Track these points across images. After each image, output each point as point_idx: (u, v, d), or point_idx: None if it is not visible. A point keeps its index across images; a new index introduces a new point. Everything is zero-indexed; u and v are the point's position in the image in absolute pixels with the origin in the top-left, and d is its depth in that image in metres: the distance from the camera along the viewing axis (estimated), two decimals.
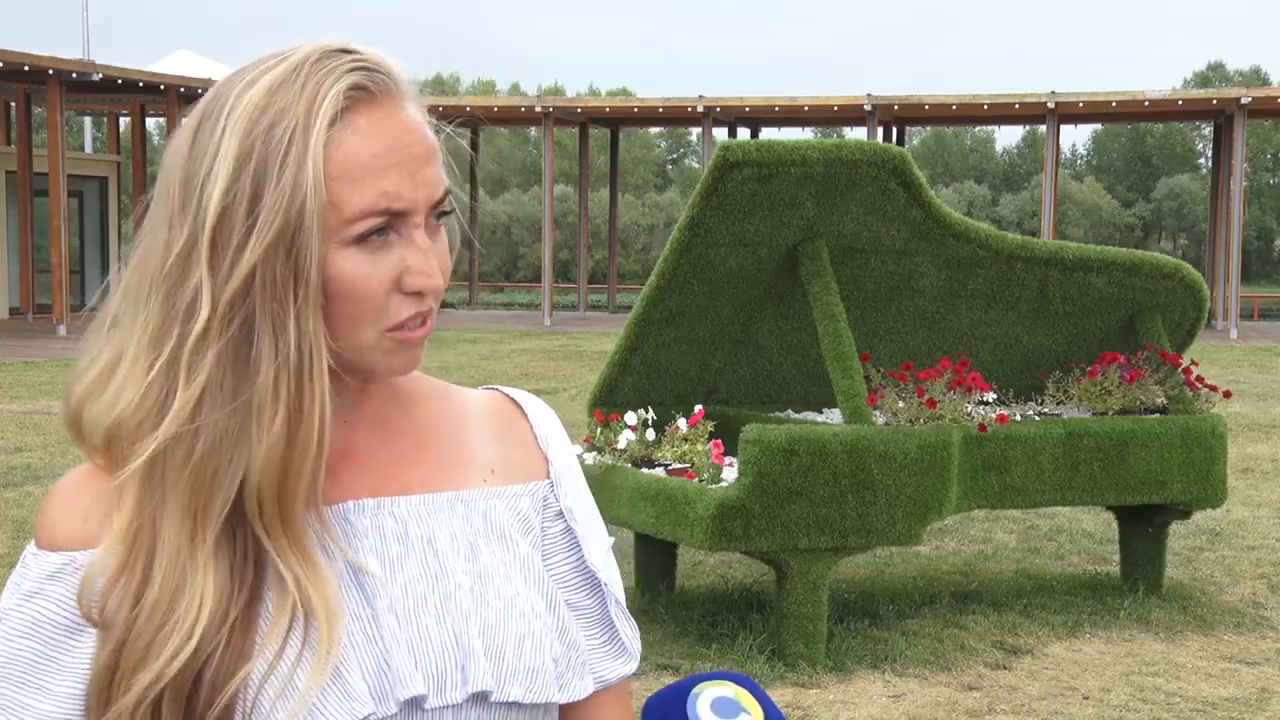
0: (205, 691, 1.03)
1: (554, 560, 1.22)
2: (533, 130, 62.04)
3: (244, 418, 1.03)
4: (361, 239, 1.05)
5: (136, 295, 1.09)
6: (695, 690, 1.26)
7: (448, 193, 1.10)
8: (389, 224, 1.06)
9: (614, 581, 1.24)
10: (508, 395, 1.27)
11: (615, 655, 1.23)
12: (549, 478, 1.23)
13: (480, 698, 1.11)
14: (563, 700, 1.16)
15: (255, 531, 1.05)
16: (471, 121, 33.98)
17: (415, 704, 1.08)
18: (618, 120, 35.10)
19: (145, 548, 1.05)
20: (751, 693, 1.27)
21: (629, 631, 1.24)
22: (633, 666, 1.24)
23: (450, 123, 1.17)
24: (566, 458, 1.25)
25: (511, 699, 1.11)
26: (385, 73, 1.08)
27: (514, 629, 1.12)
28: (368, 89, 1.06)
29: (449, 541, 1.15)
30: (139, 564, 1.05)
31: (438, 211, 1.09)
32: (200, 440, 1.03)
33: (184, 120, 1.12)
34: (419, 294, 1.08)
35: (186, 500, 1.04)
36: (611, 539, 1.28)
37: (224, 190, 1.03)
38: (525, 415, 1.25)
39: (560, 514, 1.23)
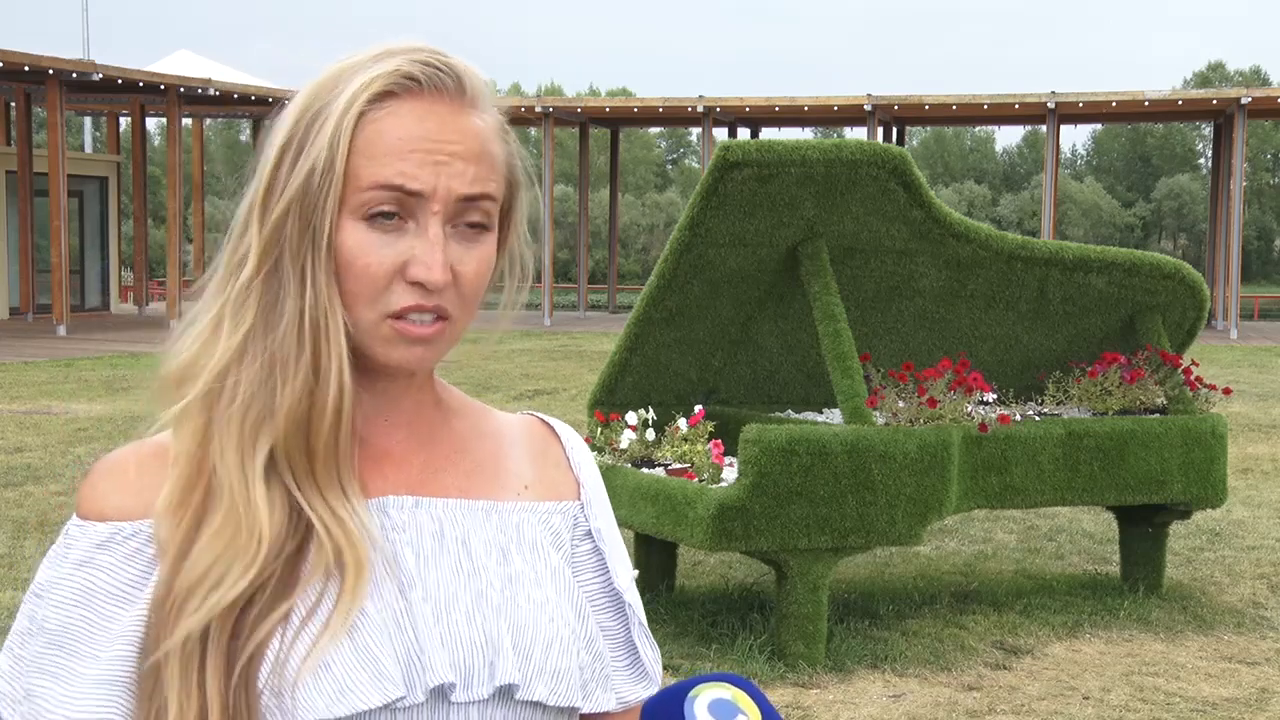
0: (247, 630, 1.05)
1: (581, 579, 1.24)
2: (533, 130, 62.01)
3: (272, 368, 1.08)
4: (373, 217, 1.08)
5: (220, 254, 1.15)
6: (693, 693, 1.26)
7: (484, 198, 1.11)
8: (404, 210, 1.08)
9: (637, 605, 1.27)
10: (542, 420, 1.31)
11: (636, 678, 1.26)
12: (580, 499, 1.27)
13: (506, 695, 1.12)
14: (586, 708, 1.17)
15: (289, 485, 1.08)
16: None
17: (442, 695, 1.09)
18: (618, 120, 35.11)
19: (203, 483, 1.08)
20: (749, 694, 1.27)
21: (650, 654, 1.26)
22: (652, 690, 1.26)
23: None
24: (596, 483, 1.29)
25: (536, 698, 1.12)
26: (451, 75, 1.11)
27: (543, 632, 1.14)
28: (418, 80, 1.10)
29: (482, 545, 1.16)
30: (195, 496, 1.08)
31: (470, 219, 1.10)
32: (243, 385, 1.08)
33: None
34: (421, 286, 1.08)
35: (236, 438, 1.08)
36: (636, 571, 1.30)
37: (277, 153, 1.10)
38: (559, 439, 1.29)
39: (589, 534, 1.26)
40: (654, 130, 69.62)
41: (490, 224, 1.12)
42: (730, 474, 5.69)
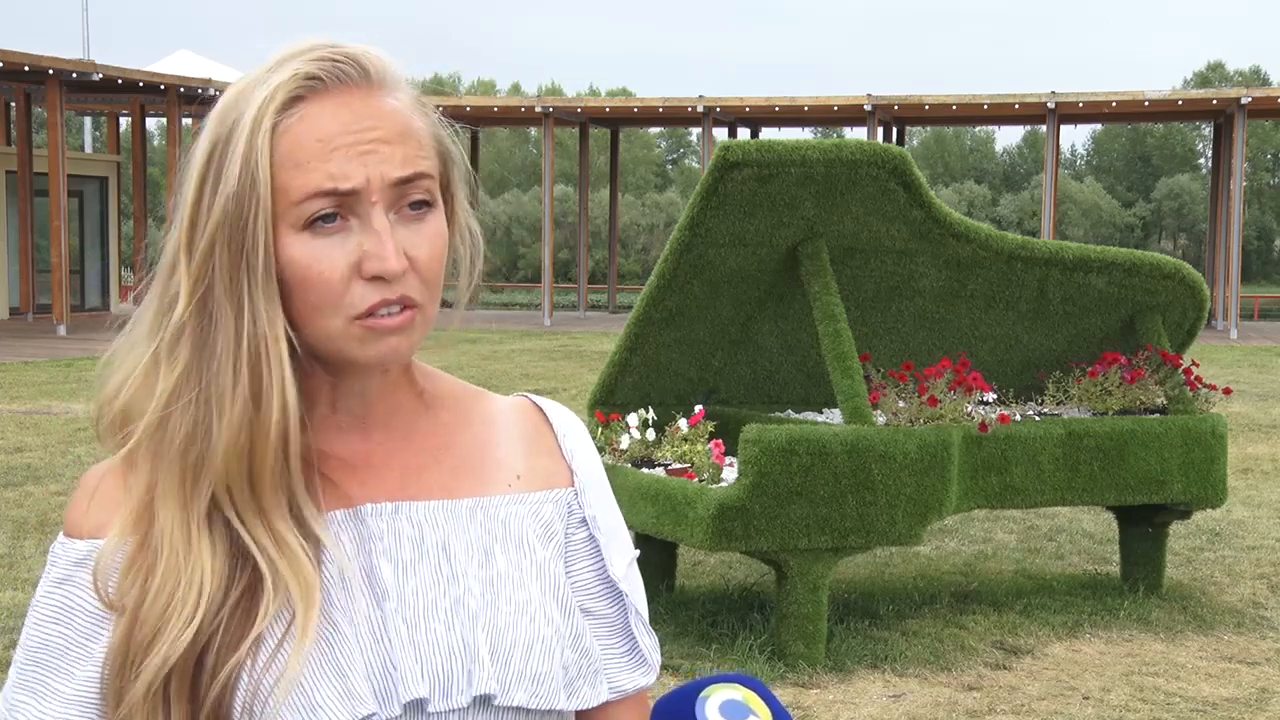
0: (207, 676, 1.04)
1: (576, 568, 1.22)
2: (533, 130, 62.00)
3: (209, 405, 1.06)
4: (312, 224, 1.05)
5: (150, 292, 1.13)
6: (704, 693, 1.26)
7: (420, 177, 1.08)
8: (343, 209, 1.06)
9: (636, 593, 1.25)
10: (535, 403, 1.28)
11: (634, 666, 1.23)
12: (573, 486, 1.24)
13: (485, 702, 1.11)
14: (570, 708, 1.16)
15: (230, 518, 1.06)
16: (471, 121, 33.98)
17: (419, 707, 1.08)
18: (618, 120, 35.11)
19: (152, 534, 1.07)
20: (760, 695, 1.27)
21: (648, 643, 1.24)
22: (652, 678, 1.24)
23: (451, 124, 1.17)
24: (593, 468, 1.26)
25: (516, 704, 1.11)
26: (353, 64, 1.08)
27: (523, 634, 1.13)
28: (321, 79, 1.07)
29: (464, 548, 1.15)
30: (148, 549, 1.07)
31: (411, 199, 1.08)
32: (183, 425, 1.06)
33: None
34: (381, 280, 1.06)
35: (177, 485, 1.06)
36: (637, 551, 1.28)
37: (196, 185, 1.07)
38: (550, 424, 1.26)
39: (584, 522, 1.23)
40: (654, 130, 69.63)
41: (434, 200, 1.10)
42: (730, 474, 5.69)
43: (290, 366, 1.06)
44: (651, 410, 6.01)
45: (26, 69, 23.93)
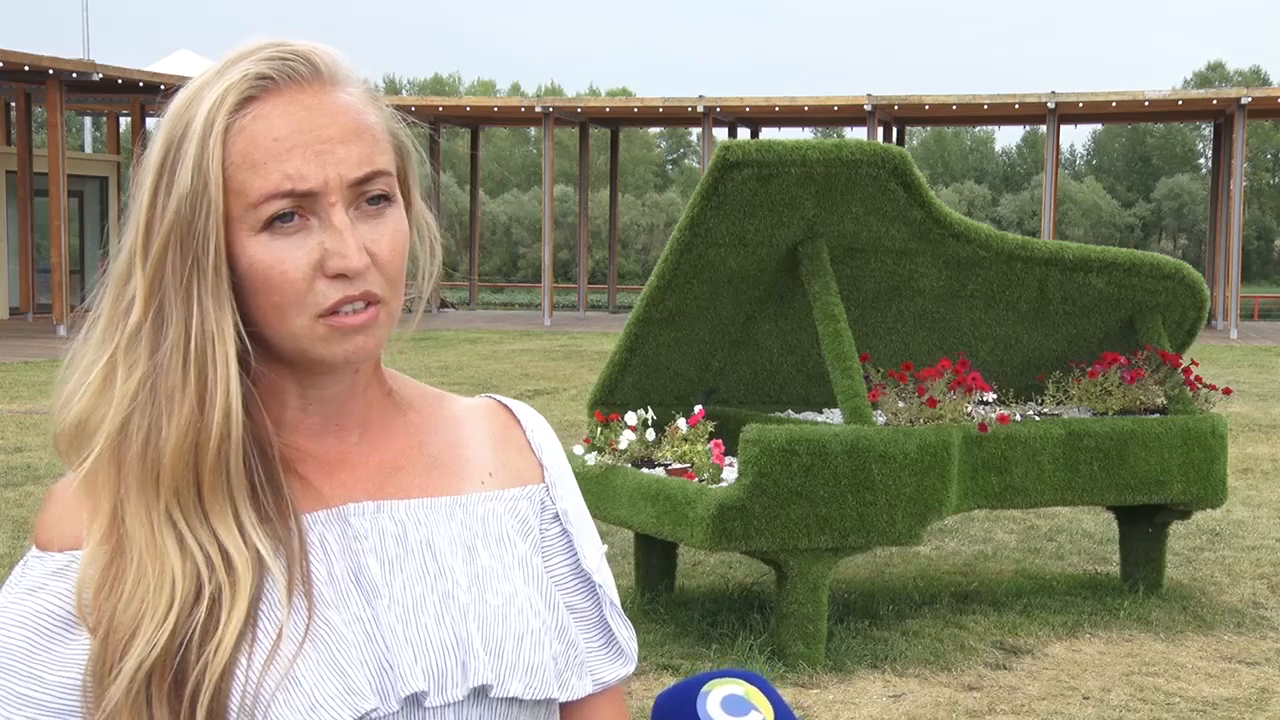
0: (191, 678, 1.03)
1: (552, 563, 1.23)
2: (533, 130, 62.01)
3: (160, 404, 1.06)
4: (270, 224, 1.05)
5: (104, 300, 1.12)
6: (705, 688, 1.26)
7: (377, 175, 1.08)
8: (302, 208, 1.06)
9: (608, 585, 1.25)
10: (501, 403, 1.28)
11: (613, 658, 1.24)
12: (544, 481, 1.25)
13: (481, 694, 1.11)
14: (563, 698, 1.16)
15: (175, 515, 1.06)
16: (471, 121, 33.97)
17: (416, 701, 1.09)
18: (618, 120, 35.10)
19: (119, 540, 1.06)
20: (762, 690, 1.27)
21: (625, 633, 1.25)
22: (630, 668, 1.25)
23: (450, 123, 1.17)
24: (560, 463, 1.27)
25: (512, 694, 1.12)
26: (302, 61, 1.08)
27: (513, 626, 1.13)
28: (272, 78, 1.07)
29: (447, 544, 1.15)
30: (119, 558, 1.06)
31: (369, 195, 1.08)
32: (140, 428, 1.06)
33: None
34: (344, 277, 1.06)
35: (140, 489, 1.06)
36: (605, 546, 1.28)
37: (150, 189, 1.07)
38: (519, 422, 1.27)
39: (556, 517, 1.24)
40: (654, 130, 69.61)
41: (392, 194, 1.10)
42: (730, 474, 5.69)
43: (236, 368, 1.06)
44: (651, 410, 6.01)
45: (26, 69, 23.93)
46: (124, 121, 34.09)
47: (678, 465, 5.77)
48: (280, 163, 1.05)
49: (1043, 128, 32.44)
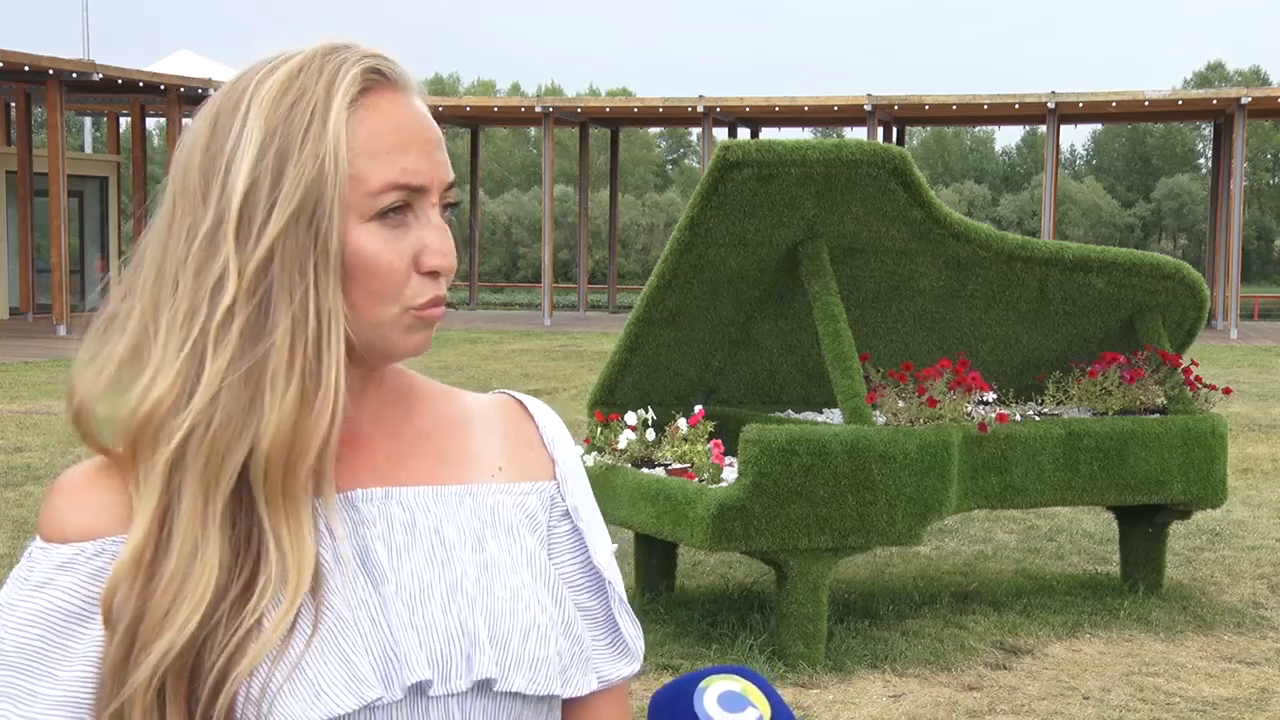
0: (207, 666, 1.03)
1: (560, 560, 1.22)
2: (533, 130, 62.01)
3: (257, 388, 1.05)
4: (383, 215, 1.08)
5: (156, 285, 1.10)
6: (702, 684, 1.26)
7: (455, 184, 1.14)
8: (408, 203, 1.09)
9: (617, 582, 1.25)
10: (514, 398, 1.29)
11: (619, 656, 1.24)
12: (555, 478, 1.24)
13: (484, 687, 1.11)
14: (566, 695, 1.16)
15: (256, 503, 1.06)
16: (471, 121, 33.96)
17: (420, 691, 1.09)
18: (618, 120, 35.11)
19: (167, 526, 1.06)
20: (758, 687, 1.27)
21: (632, 631, 1.24)
22: (635, 667, 1.24)
23: (450, 123, 1.19)
24: (572, 461, 1.27)
25: (515, 689, 1.11)
26: (396, 65, 1.12)
27: (520, 620, 1.13)
28: (383, 74, 1.10)
29: (456, 533, 1.15)
30: (157, 542, 1.05)
31: (445, 201, 1.12)
32: (218, 413, 1.05)
33: (194, 119, 1.13)
34: (435, 274, 1.10)
35: (201, 474, 1.05)
36: (615, 545, 1.28)
37: (250, 168, 1.06)
38: (532, 417, 1.27)
39: (566, 514, 1.24)
40: (654, 130, 69.61)
41: (456, 199, 1.15)
42: (730, 474, 5.69)
43: (345, 358, 1.08)
44: (651, 410, 6.01)
45: (26, 69, 23.92)
46: (124, 122, 34.07)
47: (678, 465, 5.77)
48: (400, 156, 1.08)
49: (1043, 128, 32.45)
